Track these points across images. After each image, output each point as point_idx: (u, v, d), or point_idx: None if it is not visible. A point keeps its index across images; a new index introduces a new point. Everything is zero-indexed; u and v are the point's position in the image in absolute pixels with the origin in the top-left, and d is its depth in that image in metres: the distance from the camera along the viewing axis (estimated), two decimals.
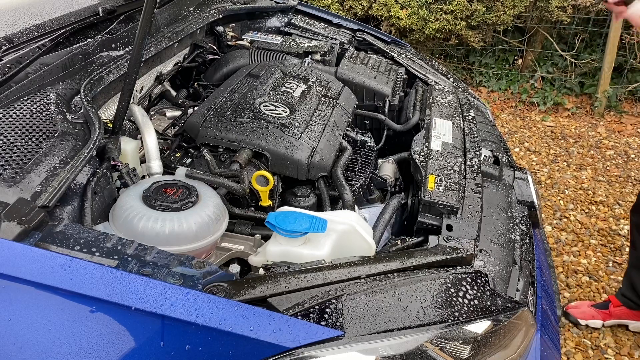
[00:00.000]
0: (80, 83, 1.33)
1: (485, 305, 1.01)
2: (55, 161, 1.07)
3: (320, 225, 1.11)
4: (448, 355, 0.93)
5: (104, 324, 0.84)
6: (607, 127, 4.17)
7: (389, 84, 1.97)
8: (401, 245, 1.24)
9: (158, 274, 0.88)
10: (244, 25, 2.39)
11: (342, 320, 0.89)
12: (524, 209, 1.51)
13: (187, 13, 2.02)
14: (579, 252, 2.81)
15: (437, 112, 1.76)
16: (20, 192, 0.97)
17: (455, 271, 1.07)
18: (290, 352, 0.84)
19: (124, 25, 1.66)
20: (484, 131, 1.82)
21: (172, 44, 1.78)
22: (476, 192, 1.36)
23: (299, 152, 1.42)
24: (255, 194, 1.36)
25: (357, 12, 4.38)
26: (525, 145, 3.91)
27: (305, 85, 1.75)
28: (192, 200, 1.17)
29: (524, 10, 4.19)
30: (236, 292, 0.88)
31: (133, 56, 1.24)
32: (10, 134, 1.10)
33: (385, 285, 0.98)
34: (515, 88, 4.56)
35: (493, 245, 1.25)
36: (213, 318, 0.83)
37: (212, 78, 2.00)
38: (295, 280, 0.94)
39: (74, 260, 0.87)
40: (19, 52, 1.29)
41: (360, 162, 1.63)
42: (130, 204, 1.12)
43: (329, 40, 2.24)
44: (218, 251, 1.26)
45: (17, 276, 0.84)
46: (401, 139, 1.87)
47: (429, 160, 1.46)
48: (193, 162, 1.45)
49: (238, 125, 1.45)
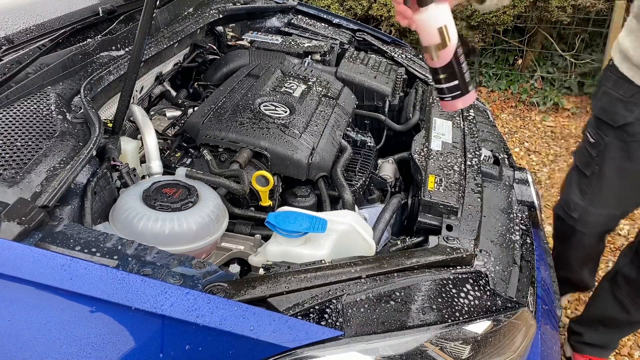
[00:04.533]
0: (80, 83, 1.33)
1: (485, 305, 1.01)
2: (55, 161, 1.07)
3: (320, 225, 1.11)
4: (448, 355, 0.93)
5: (104, 324, 0.84)
6: None
7: (389, 84, 1.97)
8: (401, 245, 1.24)
9: (158, 274, 0.88)
10: (244, 25, 2.39)
11: (342, 320, 0.89)
12: (524, 209, 1.51)
13: (187, 13, 2.02)
14: None
15: (437, 112, 1.75)
16: (20, 192, 0.97)
17: (455, 271, 1.07)
18: (290, 352, 0.84)
19: (124, 25, 1.66)
20: (484, 131, 1.82)
21: (172, 44, 1.78)
22: (476, 192, 1.36)
23: (298, 152, 1.42)
24: (255, 194, 1.36)
25: (357, 12, 4.38)
26: (525, 145, 3.91)
27: (305, 85, 1.75)
28: (192, 200, 1.17)
29: (524, 10, 4.19)
30: (236, 292, 0.88)
31: (133, 56, 1.24)
32: (10, 134, 1.10)
33: (385, 285, 0.98)
34: (515, 88, 4.56)
35: (493, 245, 1.25)
36: (213, 318, 0.83)
37: (212, 78, 2.00)
38: (295, 280, 0.94)
39: (74, 260, 0.87)
40: (19, 52, 1.30)
41: (360, 162, 1.63)
42: (130, 204, 1.12)
43: (329, 40, 2.24)
44: (218, 251, 1.26)
45: (17, 276, 0.84)
46: (401, 139, 1.87)
47: (429, 160, 1.46)
48: (193, 162, 1.45)
49: (238, 125, 1.45)
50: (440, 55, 1.09)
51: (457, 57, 1.10)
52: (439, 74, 1.11)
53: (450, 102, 1.14)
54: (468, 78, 1.12)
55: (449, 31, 1.09)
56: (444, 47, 1.08)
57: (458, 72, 1.10)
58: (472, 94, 1.13)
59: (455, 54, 1.09)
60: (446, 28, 1.08)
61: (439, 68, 1.10)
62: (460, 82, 1.11)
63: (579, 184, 1.86)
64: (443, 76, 1.11)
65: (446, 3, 1.10)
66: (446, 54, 1.09)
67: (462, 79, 1.11)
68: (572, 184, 1.89)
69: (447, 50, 1.08)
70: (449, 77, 1.11)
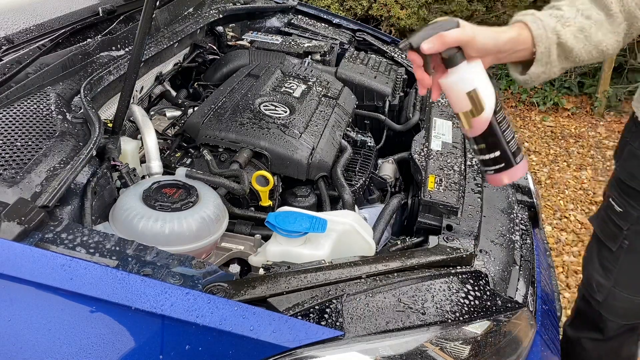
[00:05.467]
0: (80, 83, 1.33)
1: (485, 305, 1.01)
2: (55, 161, 1.07)
3: (320, 225, 1.11)
4: (448, 355, 0.93)
5: (104, 324, 0.84)
6: (607, 127, 4.17)
7: (389, 84, 1.97)
8: (401, 245, 1.24)
9: (158, 274, 0.88)
10: (244, 25, 2.39)
11: (342, 320, 0.89)
12: (524, 209, 1.51)
13: (187, 13, 2.02)
14: (579, 252, 2.81)
15: (437, 112, 1.75)
16: (20, 192, 0.97)
17: (455, 271, 1.07)
18: (290, 352, 0.84)
19: (124, 25, 1.66)
20: None
21: (172, 44, 1.78)
22: (476, 192, 1.36)
23: (298, 152, 1.42)
24: (255, 194, 1.36)
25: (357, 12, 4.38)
26: (525, 145, 3.91)
27: (305, 85, 1.75)
28: (192, 200, 1.17)
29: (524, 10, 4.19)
30: (236, 292, 0.88)
31: (133, 56, 1.24)
32: (10, 134, 1.10)
33: (385, 285, 0.98)
34: (515, 88, 4.56)
35: (493, 245, 1.25)
36: (213, 318, 0.83)
37: (212, 78, 2.00)
38: (295, 280, 0.94)
39: (74, 260, 0.87)
40: (19, 52, 1.29)
41: (360, 162, 1.63)
42: (130, 204, 1.12)
43: (329, 40, 2.24)
44: (218, 251, 1.26)
45: (17, 276, 0.84)
46: (401, 139, 1.87)
47: (429, 160, 1.46)
48: (193, 162, 1.45)
49: (238, 125, 1.45)
50: (474, 124, 0.92)
51: (497, 124, 0.92)
52: (476, 144, 0.95)
53: (493, 176, 0.97)
54: (514, 147, 0.94)
55: (482, 95, 0.90)
56: (478, 114, 0.91)
57: (499, 142, 0.93)
58: (520, 166, 0.95)
59: (493, 120, 0.92)
60: (478, 92, 0.90)
61: (475, 138, 0.95)
62: (502, 153, 0.94)
63: (600, 259, 1.49)
64: (481, 146, 0.95)
65: (478, 60, 0.92)
66: (480, 122, 0.92)
67: (504, 149, 0.94)
68: (593, 257, 1.52)
69: (482, 117, 0.91)
70: (489, 148, 0.94)
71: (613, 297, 1.46)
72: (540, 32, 0.97)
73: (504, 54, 0.97)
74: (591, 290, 1.52)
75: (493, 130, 0.92)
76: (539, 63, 0.99)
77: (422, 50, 0.89)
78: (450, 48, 0.89)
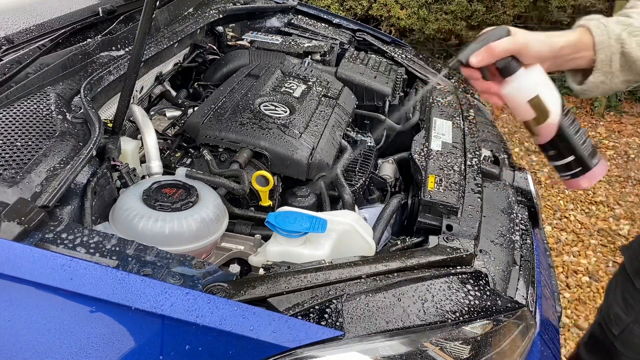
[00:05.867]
0: (80, 83, 1.33)
1: (485, 305, 1.01)
2: (55, 161, 1.07)
3: (320, 225, 1.11)
4: (448, 355, 0.93)
5: (104, 324, 0.84)
6: (607, 127, 4.17)
7: (389, 84, 1.97)
8: (401, 245, 1.24)
9: (158, 274, 0.88)
10: (244, 25, 2.39)
11: (342, 320, 0.89)
12: (524, 209, 1.51)
13: (187, 13, 2.02)
14: (579, 252, 2.81)
15: (437, 112, 1.75)
16: (20, 192, 0.97)
17: (455, 271, 1.07)
18: (290, 352, 0.84)
19: (124, 25, 1.66)
20: (484, 131, 1.82)
21: (172, 44, 1.78)
22: (476, 192, 1.36)
23: (298, 152, 1.42)
24: (255, 194, 1.36)
25: (357, 12, 4.38)
26: (525, 145, 3.91)
27: (305, 85, 1.75)
28: (192, 200, 1.17)
29: (524, 10, 4.19)
30: (236, 292, 0.88)
31: (133, 56, 1.24)
32: (10, 134, 1.10)
33: (385, 285, 0.98)
34: None
35: (493, 245, 1.25)
36: (213, 318, 0.83)
37: (212, 78, 2.00)
38: (295, 280, 0.94)
39: (74, 260, 0.87)
40: (19, 52, 1.29)
41: (360, 162, 1.63)
42: (130, 204, 1.12)
43: (329, 40, 2.24)
44: (218, 251, 1.26)
45: (17, 276, 0.84)
46: (401, 139, 1.87)
47: (429, 160, 1.46)
48: (193, 162, 1.45)
49: (238, 125, 1.45)
50: (541, 131, 0.90)
51: (566, 128, 0.90)
52: (546, 150, 0.94)
53: (571, 181, 0.95)
54: (589, 150, 0.91)
55: (546, 101, 0.88)
56: (544, 121, 0.88)
57: (571, 147, 0.90)
58: (599, 168, 0.92)
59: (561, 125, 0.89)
60: (541, 98, 0.88)
61: (544, 145, 0.93)
62: (576, 157, 0.91)
63: (623, 292, 1.42)
64: (552, 153, 0.93)
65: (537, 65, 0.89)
66: (548, 129, 0.89)
67: (578, 153, 0.91)
68: (617, 288, 1.45)
69: (548, 124, 0.88)
70: (561, 154, 0.92)
71: (630, 333, 1.41)
72: (602, 38, 0.91)
73: (562, 59, 0.92)
74: (609, 322, 1.47)
75: (563, 135, 0.90)
76: (599, 72, 0.93)
77: (471, 64, 0.87)
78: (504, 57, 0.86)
